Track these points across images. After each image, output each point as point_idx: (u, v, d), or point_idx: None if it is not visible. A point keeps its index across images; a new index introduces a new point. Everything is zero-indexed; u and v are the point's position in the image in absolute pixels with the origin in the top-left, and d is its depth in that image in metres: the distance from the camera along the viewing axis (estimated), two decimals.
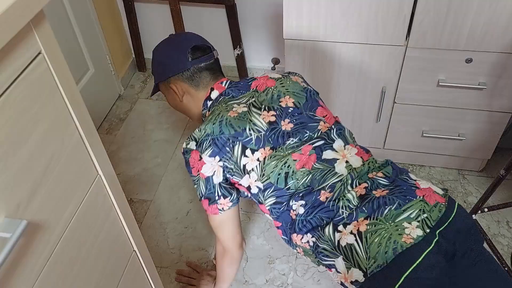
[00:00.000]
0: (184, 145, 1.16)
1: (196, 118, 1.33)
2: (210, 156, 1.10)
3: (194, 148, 1.12)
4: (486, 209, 1.37)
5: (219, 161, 1.10)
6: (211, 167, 1.11)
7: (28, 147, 0.60)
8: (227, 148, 1.10)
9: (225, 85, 1.23)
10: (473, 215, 1.39)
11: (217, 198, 1.14)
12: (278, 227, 1.14)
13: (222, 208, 1.16)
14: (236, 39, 2.22)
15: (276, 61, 2.29)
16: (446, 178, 1.88)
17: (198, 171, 1.12)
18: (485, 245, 1.62)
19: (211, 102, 1.23)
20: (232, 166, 1.11)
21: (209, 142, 1.10)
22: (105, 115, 2.23)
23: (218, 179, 1.12)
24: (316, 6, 1.45)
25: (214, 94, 1.23)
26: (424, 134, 1.73)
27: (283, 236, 1.13)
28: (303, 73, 1.66)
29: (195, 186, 1.16)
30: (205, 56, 1.25)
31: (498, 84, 1.53)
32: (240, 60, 2.30)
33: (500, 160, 1.91)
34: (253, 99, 1.17)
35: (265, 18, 2.15)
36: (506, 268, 1.29)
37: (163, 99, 2.31)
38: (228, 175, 1.13)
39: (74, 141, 0.70)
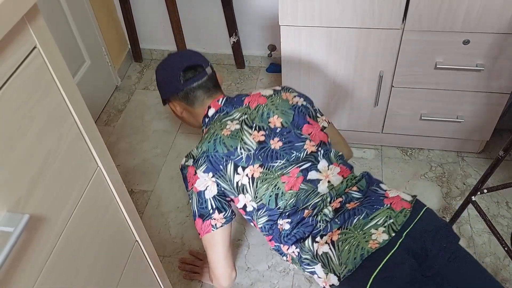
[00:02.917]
0: (182, 162, 1.25)
1: (197, 128, 1.42)
2: (204, 172, 1.19)
3: (191, 164, 1.22)
4: (485, 190, 1.38)
5: (212, 177, 1.19)
6: (204, 182, 1.19)
7: (26, 141, 0.60)
8: (221, 166, 1.19)
9: (221, 102, 1.30)
10: (473, 197, 1.39)
11: (211, 212, 1.20)
12: (270, 240, 1.24)
13: (215, 225, 1.22)
14: (232, 27, 2.21)
15: (272, 48, 2.28)
16: (445, 160, 1.88)
17: (192, 185, 1.21)
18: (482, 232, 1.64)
19: (208, 119, 1.31)
20: (226, 185, 1.20)
21: (204, 158, 1.19)
22: (103, 106, 2.23)
23: (210, 193, 1.20)
24: None
25: (211, 112, 1.30)
26: (422, 117, 1.73)
27: (276, 244, 1.23)
28: (299, 60, 1.65)
29: (190, 201, 1.24)
30: (197, 76, 1.30)
31: (496, 65, 1.53)
32: (236, 47, 2.29)
33: (499, 141, 1.91)
34: (246, 116, 1.25)
35: (260, 5, 2.13)
36: (505, 249, 1.30)
37: None
38: (222, 190, 1.21)
39: (72, 134, 0.70)
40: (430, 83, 1.63)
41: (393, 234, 1.06)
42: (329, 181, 1.20)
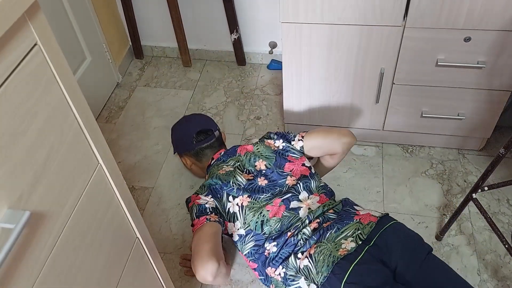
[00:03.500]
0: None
1: (201, 177, 1.76)
2: (205, 195, 1.42)
3: (196, 195, 1.45)
4: (486, 188, 1.38)
5: (211, 197, 1.42)
6: (205, 199, 1.41)
7: (27, 138, 0.60)
8: (218, 195, 1.42)
9: (221, 154, 1.57)
10: (473, 194, 1.39)
11: (208, 212, 1.37)
12: (254, 269, 1.37)
13: (209, 219, 1.34)
14: (233, 24, 2.20)
15: (273, 45, 2.27)
16: (446, 158, 1.88)
17: (194, 201, 1.42)
18: (483, 224, 1.64)
19: (209, 167, 1.57)
20: (220, 208, 1.41)
21: (206, 189, 1.44)
22: (104, 103, 2.23)
23: (209, 205, 1.39)
24: None
25: (212, 161, 1.58)
26: (423, 115, 1.73)
27: (259, 277, 1.37)
28: (300, 57, 1.65)
29: (191, 214, 1.40)
30: (207, 139, 1.62)
31: (497, 62, 1.52)
32: (237, 44, 2.28)
33: (500, 139, 1.91)
34: (238, 163, 1.50)
35: (261, 2, 2.13)
36: (506, 246, 1.30)
37: (161, 87, 2.31)
38: (218, 209, 1.40)
39: (73, 131, 0.70)
40: (431, 80, 1.62)
41: (360, 242, 1.21)
42: (309, 208, 1.37)
